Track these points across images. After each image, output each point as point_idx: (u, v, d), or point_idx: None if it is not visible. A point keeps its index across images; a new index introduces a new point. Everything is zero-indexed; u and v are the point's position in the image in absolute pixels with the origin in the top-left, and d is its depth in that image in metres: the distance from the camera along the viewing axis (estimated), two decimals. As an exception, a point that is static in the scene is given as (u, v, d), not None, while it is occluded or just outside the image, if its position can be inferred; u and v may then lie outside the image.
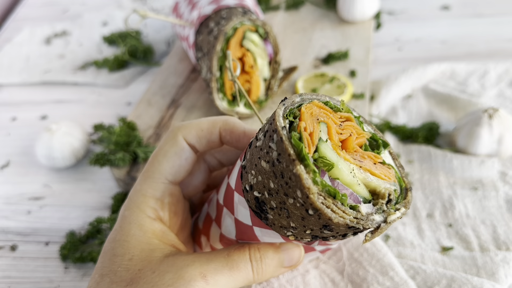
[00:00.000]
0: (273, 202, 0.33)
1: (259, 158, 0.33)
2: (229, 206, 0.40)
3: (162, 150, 0.43)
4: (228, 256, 0.38)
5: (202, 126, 0.43)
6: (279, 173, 0.31)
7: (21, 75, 0.99)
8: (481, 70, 0.85)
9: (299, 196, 0.30)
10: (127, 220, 0.40)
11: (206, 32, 0.72)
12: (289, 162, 0.30)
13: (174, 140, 0.43)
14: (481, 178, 0.65)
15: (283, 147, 0.30)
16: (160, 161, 0.42)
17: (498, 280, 0.53)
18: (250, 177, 0.35)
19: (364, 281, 0.54)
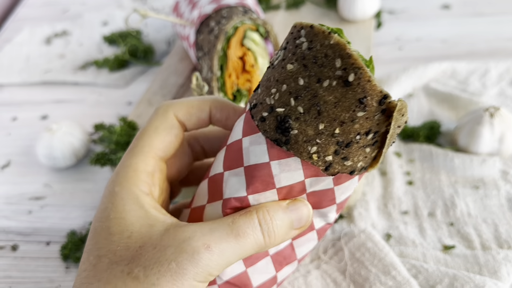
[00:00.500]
0: (300, 107, 0.33)
1: (283, 67, 0.34)
2: (233, 164, 0.38)
3: (152, 125, 0.41)
4: (233, 223, 0.36)
5: (193, 103, 0.42)
6: (311, 62, 0.33)
7: (21, 75, 0.98)
8: (482, 69, 0.85)
9: (338, 65, 0.32)
10: (119, 196, 0.37)
11: (207, 31, 0.72)
12: (323, 38, 0.32)
13: (164, 116, 0.41)
14: (483, 177, 0.65)
15: (315, 30, 0.32)
16: (151, 136, 0.41)
17: (501, 278, 0.53)
18: (269, 100, 0.35)
19: (367, 281, 0.54)
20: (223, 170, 0.39)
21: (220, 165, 0.40)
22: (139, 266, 0.33)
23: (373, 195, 0.65)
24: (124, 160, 0.40)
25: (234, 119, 0.43)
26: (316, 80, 0.32)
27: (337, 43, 0.31)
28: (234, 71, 0.70)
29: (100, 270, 0.34)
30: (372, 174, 0.68)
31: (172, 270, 0.33)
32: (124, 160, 0.40)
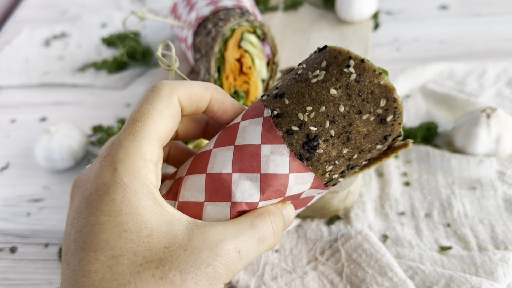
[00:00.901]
0: (332, 130, 0.36)
1: (323, 89, 0.36)
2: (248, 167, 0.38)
3: (157, 108, 0.36)
4: (253, 227, 0.36)
5: (196, 89, 0.39)
6: (356, 93, 0.35)
7: (20, 77, 0.99)
8: (479, 69, 0.85)
9: (382, 105, 0.35)
10: (131, 189, 0.33)
11: (204, 33, 0.72)
12: (374, 77, 0.35)
13: (169, 99, 0.37)
14: (480, 178, 0.66)
15: (366, 66, 0.35)
16: (156, 122, 0.36)
17: (497, 279, 0.53)
18: (302, 115, 0.36)
19: (363, 282, 0.54)
20: (232, 172, 0.38)
21: (226, 165, 0.39)
22: (174, 270, 0.31)
23: (370, 196, 0.66)
24: (128, 146, 0.35)
25: (229, 114, 0.42)
26: (356, 111, 0.35)
27: (386, 85, 0.35)
28: (232, 73, 0.70)
29: (120, 273, 0.31)
30: (369, 175, 0.69)
31: (209, 274, 0.32)
32: (128, 146, 0.35)
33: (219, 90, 0.41)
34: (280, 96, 0.38)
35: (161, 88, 0.37)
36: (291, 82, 0.38)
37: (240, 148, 0.38)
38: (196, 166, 0.40)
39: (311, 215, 0.63)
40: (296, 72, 0.39)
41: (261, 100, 0.40)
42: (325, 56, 0.37)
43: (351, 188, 0.61)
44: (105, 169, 0.34)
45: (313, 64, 0.37)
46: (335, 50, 0.36)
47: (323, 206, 0.61)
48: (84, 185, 0.35)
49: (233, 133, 0.40)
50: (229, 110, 0.41)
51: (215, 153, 0.40)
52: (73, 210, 0.35)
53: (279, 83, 0.41)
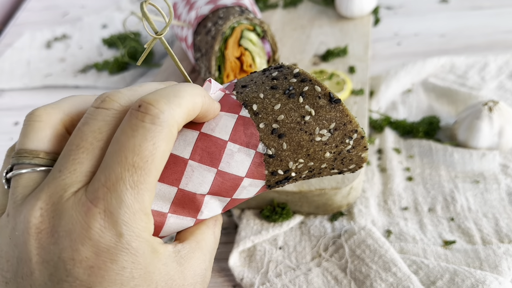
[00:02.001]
0: (306, 174, 0.40)
1: (321, 150, 0.38)
2: (224, 193, 0.38)
3: (160, 150, 0.30)
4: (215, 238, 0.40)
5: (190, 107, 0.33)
6: (340, 157, 0.39)
7: (22, 80, 0.99)
8: (481, 62, 0.85)
9: (352, 167, 0.41)
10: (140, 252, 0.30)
11: (204, 32, 0.72)
12: (361, 151, 0.39)
13: (171, 134, 0.31)
14: (483, 171, 0.65)
15: (362, 142, 0.38)
16: (158, 167, 0.31)
17: (501, 272, 0.53)
18: (292, 164, 0.38)
19: (367, 277, 0.54)
20: (206, 193, 0.38)
21: (203, 187, 0.37)
22: None
23: (373, 191, 0.66)
24: (131, 203, 0.29)
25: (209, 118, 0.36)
26: (331, 167, 0.40)
27: (364, 158, 0.40)
28: (232, 71, 0.70)
29: None
30: (372, 170, 0.69)
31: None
32: (131, 203, 0.29)
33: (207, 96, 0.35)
34: (279, 136, 0.36)
35: (162, 120, 0.30)
36: (290, 121, 0.36)
37: (223, 174, 0.37)
38: (167, 174, 0.36)
39: (314, 211, 0.63)
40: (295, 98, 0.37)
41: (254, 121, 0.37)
42: (336, 116, 0.37)
43: (354, 184, 0.61)
44: (107, 232, 0.29)
45: (323, 118, 0.37)
46: (348, 117, 0.37)
47: (326, 203, 0.61)
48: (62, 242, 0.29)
49: (217, 153, 0.37)
50: (211, 116, 0.36)
51: (193, 168, 0.37)
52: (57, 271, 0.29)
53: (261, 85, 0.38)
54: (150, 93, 0.31)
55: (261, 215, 0.63)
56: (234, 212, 0.65)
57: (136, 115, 0.30)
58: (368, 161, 0.70)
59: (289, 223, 0.62)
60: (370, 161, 0.70)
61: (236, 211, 0.65)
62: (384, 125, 0.74)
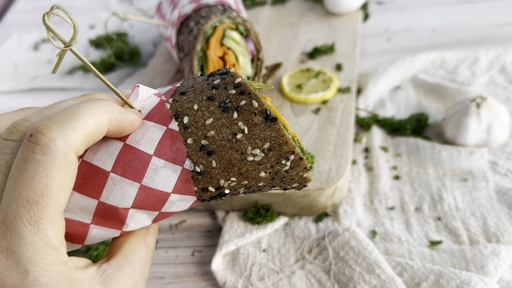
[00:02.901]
0: (241, 191, 0.37)
1: (254, 170, 0.35)
2: (150, 207, 0.37)
3: (56, 180, 0.29)
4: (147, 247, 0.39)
5: (91, 128, 0.31)
6: (279, 178, 0.37)
7: (9, 83, 0.98)
8: (471, 57, 0.83)
9: (295, 186, 0.38)
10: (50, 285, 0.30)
11: (187, 32, 0.71)
12: (302, 172, 0.36)
13: (67, 161, 0.29)
14: (471, 169, 0.64)
15: (301, 163, 0.36)
16: (57, 198, 0.29)
17: (488, 273, 0.52)
18: (224, 182, 0.35)
19: (351, 280, 0.53)
20: (131, 207, 0.37)
21: (126, 201, 0.36)
22: None
23: (359, 191, 0.64)
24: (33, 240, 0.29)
25: (127, 132, 0.35)
26: (271, 186, 0.38)
27: (307, 179, 0.38)
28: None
29: None
30: (358, 170, 0.67)
31: None
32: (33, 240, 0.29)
33: (116, 112, 0.33)
34: (208, 154, 0.34)
35: (54, 148, 0.28)
36: (221, 138, 0.34)
37: (147, 190, 0.35)
38: (87, 185, 0.35)
39: (299, 213, 0.62)
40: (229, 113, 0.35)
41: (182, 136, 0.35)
42: (271, 136, 0.34)
43: (338, 184, 0.60)
44: (12, 271, 0.28)
45: (257, 137, 0.34)
46: (284, 137, 0.34)
47: (310, 204, 0.60)
48: None
49: (141, 167, 0.35)
50: (128, 129, 0.35)
51: (114, 181, 0.35)
52: None
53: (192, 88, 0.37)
54: (43, 119, 0.30)
55: (245, 217, 0.62)
56: (218, 215, 0.64)
57: (27, 146, 0.28)
58: (355, 160, 0.69)
59: (273, 225, 0.61)
60: (356, 160, 0.69)
61: (221, 213, 0.64)
62: (371, 123, 0.73)
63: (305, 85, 0.74)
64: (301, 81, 0.76)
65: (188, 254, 0.61)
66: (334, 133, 0.66)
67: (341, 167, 0.61)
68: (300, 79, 0.76)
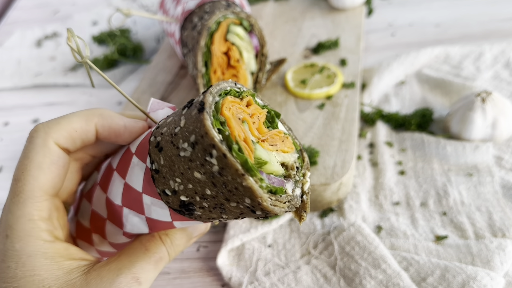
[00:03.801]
0: (205, 203, 0.33)
1: (189, 168, 0.32)
2: (134, 207, 0.38)
3: (34, 162, 0.35)
4: (148, 251, 0.38)
5: (75, 125, 0.37)
6: (220, 184, 0.31)
7: (13, 79, 0.98)
8: (476, 52, 0.83)
9: (248, 202, 0.31)
10: (25, 254, 0.34)
11: (190, 27, 0.70)
12: (236, 176, 0.30)
13: (45, 147, 0.36)
14: (476, 164, 0.64)
15: (228, 163, 0.30)
16: (36, 176, 0.35)
17: (494, 267, 0.52)
18: (173, 183, 0.34)
19: (357, 275, 0.53)
20: (122, 205, 0.38)
21: (118, 197, 0.38)
22: None
23: (364, 186, 0.64)
24: (14, 210, 0.35)
25: (125, 136, 0.39)
26: (224, 198, 0.32)
27: (249, 188, 0.30)
28: (219, 67, 0.69)
29: None
30: (363, 165, 0.67)
31: None
32: (14, 210, 0.35)
33: (106, 115, 0.38)
34: (160, 150, 0.34)
35: (35, 136, 0.36)
36: (168, 134, 0.33)
37: (128, 188, 0.38)
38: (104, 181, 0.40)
39: (304, 208, 0.62)
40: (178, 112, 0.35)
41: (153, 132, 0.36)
42: (195, 127, 0.31)
43: (344, 179, 0.60)
44: (7, 239, 0.35)
45: (186, 130, 0.32)
46: (204, 128, 0.30)
47: (315, 199, 0.60)
48: None
49: (127, 164, 0.37)
50: (122, 133, 0.38)
51: (115, 178, 0.38)
52: None
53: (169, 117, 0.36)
54: None
55: (250, 213, 0.62)
56: (223, 210, 0.64)
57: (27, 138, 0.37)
58: (360, 155, 0.69)
59: (278, 221, 0.61)
60: (361, 155, 0.69)
61: (225, 209, 0.64)
62: (376, 118, 0.72)
63: (309, 81, 0.74)
64: (305, 77, 0.75)
65: (193, 249, 0.61)
66: (339, 128, 0.66)
67: (346, 162, 0.61)
68: (304, 74, 0.76)
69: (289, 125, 0.69)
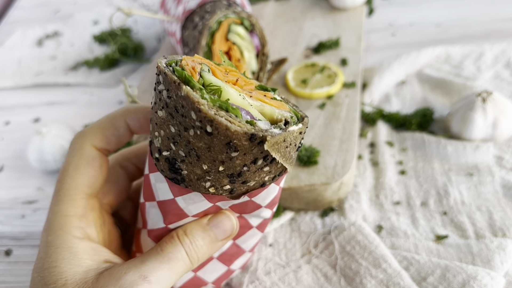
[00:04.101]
0: (181, 151, 0.33)
1: (156, 112, 0.34)
2: (149, 197, 0.39)
3: (72, 164, 0.40)
4: (162, 251, 0.37)
5: (105, 125, 0.41)
6: (173, 111, 0.32)
7: (13, 79, 0.98)
8: (476, 52, 0.83)
9: (195, 117, 0.30)
10: (53, 245, 0.37)
11: (191, 27, 0.71)
12: (176, 89, 0.30)
13: (81, 150, 0.40)
14: (477, 164, 0.64)
15: (168, 79, 0.31)
16: (73, 176, 0.39)
17: (494, 267, 0.52)
18: (156, 142, 0.35)
19: (357, 274, 0.53)
20: (144, 200, 0.41)
21: (141, 194, 0.42)
22: None
23: (364, 186, 0.64)
24: (53, 206, 0.39)
25: None
26: (183, 129, 0.32)
27: (187, 96, 0.30)
28: (220, 66, 0.69)
29: None
30: (364, 165, 0.67)
31: None
32: (53, 206, 0.39)
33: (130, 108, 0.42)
34: (151, 120, 0.37)
35: (73, 142, 0.41)
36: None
37: (145, 178, 0.40)
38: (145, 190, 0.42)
39: (305, 207, 0.62)
40: None
41: None
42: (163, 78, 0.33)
43: (344, 179, 0.60)
44: (42, 231, 0.39)
45: None
46: (157, 63, 0.33)
47: (316, 199, 0.60)
48: None
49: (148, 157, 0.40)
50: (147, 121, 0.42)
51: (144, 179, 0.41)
52: None
53: None
54: None
55: (251, 212, 0.62)
56: (224, 209, 0.64)
57: None
58: (360, 154, 0.69)
59: (279, 220, 0.61)
60: (362, 155, 0.69)
61: (226, 208, 0.64)
62: (376, 118, 0.73)
63: (310, 80, 0.74)
64: (306, 76, 0.75)
65: (194, 248, 0.62)
66: (340, 128, 0.66)
67: (346, 162, 0.61)
68: (305, 74, 0.76)
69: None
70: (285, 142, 0.32)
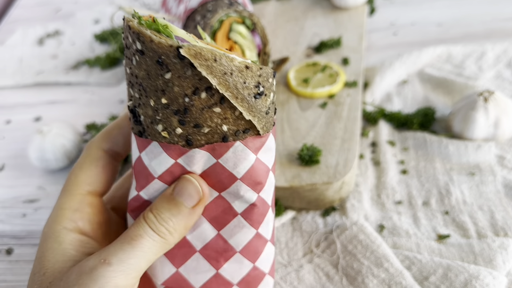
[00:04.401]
0: (136, 93, 0.35)
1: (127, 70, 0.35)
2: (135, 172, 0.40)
3: (78, 164, 0.43)
4: (126, 233, 0.36)
5: (110, 126, 0.44)
6: (125, 48, 0.34)
7: (14, 78, 0.98)
8: (478, 51, 0.83)
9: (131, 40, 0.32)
10: (45, 236, 0.39)
11: (193, 26, 0.70)
12: (127, 30, 0.32)
13: (88, 152, 0.43)
14: (478, 163, 0.64)
15: (124, 25, 0.33)
16: (77, 174, 0.42)
17: (496, 266, 0.52)
18: (129, 103, 0.36)
19: (359, 273, 0.53)
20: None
21: None
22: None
23: (366, 185, 0.64)
24: (58, 201, 0.42)
25: None
26: (129, 62, 0.34)
27: (127, 25, 0.32)
28: (222, 65, 0.69)
29: None
30: (365, 164, 0.67)
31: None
32: (58, 201, 0.42)
33: None
34: None
35: (85, 148, 0.44)
36: None
37: None
38: None
39: (306, 207, 0.62)
40: None
41: None
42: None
43: (346, 178, 0.60)
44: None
45: None
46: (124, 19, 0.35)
47: (317, 198, 0.60)
48: None
49: None
50: None
51: None
52: None
53: None
54: None
55: (252, 211, 0.62)
56: (225, 209, 0.64)
57: None
58: (362, 154, 0.69)
59: (280, 219, 0.61)
60: (364, 154, 0.69)
61: (228, 208, 0.64)
62: (378, 117, 0.72)
63: (311, 79, 0.74)
64: (307, 75, 0.75)
65: (195, 248, 0.62)
66: (341, 127, 0.66)
67: (348, 161, 0.61)
68: (306, 73, 0.76)
69: (291, 124, 0.69)
70: (219, 64, 0.31)
